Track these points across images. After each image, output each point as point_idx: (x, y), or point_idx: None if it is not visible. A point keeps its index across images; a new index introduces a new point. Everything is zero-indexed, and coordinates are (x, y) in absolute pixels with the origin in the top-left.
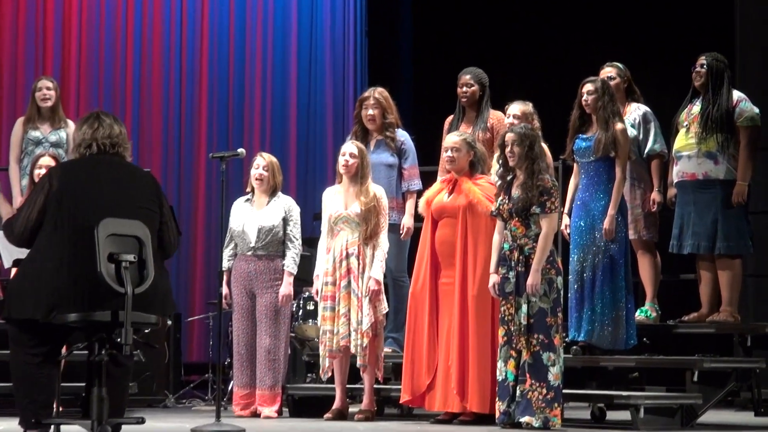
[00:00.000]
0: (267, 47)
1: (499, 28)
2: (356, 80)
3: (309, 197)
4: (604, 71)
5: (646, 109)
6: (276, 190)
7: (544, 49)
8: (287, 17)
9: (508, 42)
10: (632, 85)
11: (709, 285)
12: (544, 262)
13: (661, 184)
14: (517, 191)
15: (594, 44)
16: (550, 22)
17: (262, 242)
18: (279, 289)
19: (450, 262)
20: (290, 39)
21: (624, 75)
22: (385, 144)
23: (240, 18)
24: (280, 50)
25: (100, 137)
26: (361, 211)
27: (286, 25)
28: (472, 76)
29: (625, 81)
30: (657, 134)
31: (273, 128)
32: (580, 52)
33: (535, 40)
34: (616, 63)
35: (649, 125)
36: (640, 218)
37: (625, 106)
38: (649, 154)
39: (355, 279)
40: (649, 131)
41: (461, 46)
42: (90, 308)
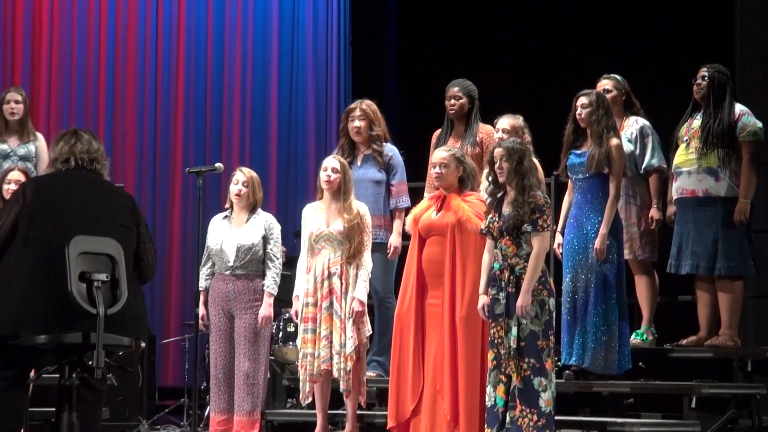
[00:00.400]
0: (246, 57)
1: (489, 39)
2: (339, 92)
3: (290, 214)
4: (600, 84)
5: (644, 123)
6: (256, 206)
7: (537, 60)
8: (267, 26)
9: (498, 52)
10: (631, 97)
11: (707, 307)
12: (535, 282)
13: (660, 200)
14: (508, 208)
15: (590, 55)
16: (542, 32)
17: (241, 261)
18: (258, 310)
19: (438, 282)
20: (270, 48)
21: (622, 87)
22: (372, 159)
23: (218, 27)
24: (260, 60)
25: (78, 152)
26: (344, 229)
27: (266, 34)
28: (461, 88)
29: (622, 94)
30: (655, 149)
31: (252, 142)
32: (575, 64)
33: (526, 51)
34: (613, 75)
35: (646, 139)
36: (636, 237)
37: (622, 119)
38: (647, 170)
39: (338, 300)
40: (646, 146)
41: (449, 56)
42: (60, 329)
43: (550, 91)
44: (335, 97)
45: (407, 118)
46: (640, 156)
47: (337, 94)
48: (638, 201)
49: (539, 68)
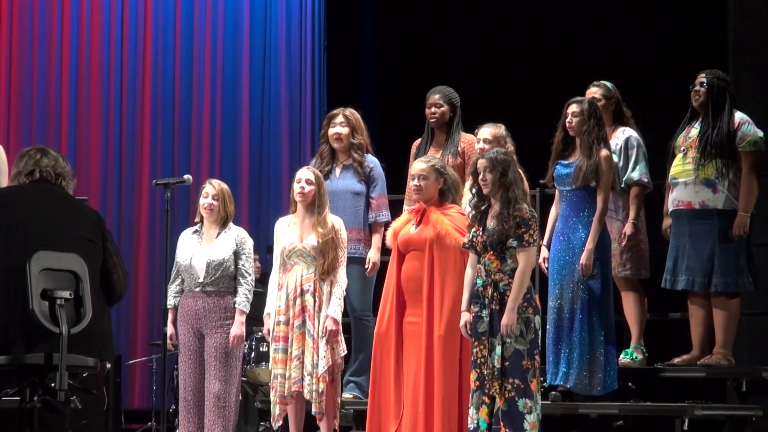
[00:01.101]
0: (216, 64)
1: (471, 44)
2: (314, 100)
3: (262, 228)
4: (590, 91)
5: (631, 134)
6: (227, 220)
7: (521, 66)
8: (238, 31)
9: (481, 58)
10: (621, 106)
11: (701, 325)
12: (520, 299)
13: (636, 216)
14: (492, 222)
15: (577, 61)
16: (527, 37)
17: (212, 277)
18: (229, 329)
19: (417, 299)
20: (241, 54)
21: (612, 96)
22: (352, 169)
23: (186, 32)
24: (231, 67)
25: (43, 165)
26: (317, 244)
27: (237, 40)
28: (442, 95)
29: (612, 102)
30: (639, 162)
31: (223, 152)
32: (561, 70)
33: (510, 57)
34: (603, 82)
35: (631, 152)
36: (617, 253)
37: (611, 130)
38: (627, 183)
39: (311, 318)
40: (630, 158)
41: (429, 62)
42: (21, 350)
43: (535, 98)
44: (309, 105)
45: (385, 127)
46: (623, 169)
47: (312, 102)
48: (620, 216)
49: (524, 75)
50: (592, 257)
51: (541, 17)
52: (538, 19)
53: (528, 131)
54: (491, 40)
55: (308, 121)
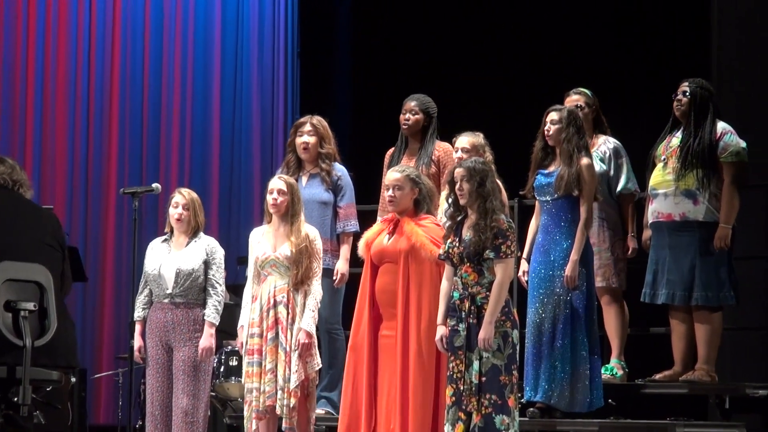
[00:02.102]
0: (186, 69)
1: (449, 51)
2: (287, 107)
3: (233, 238)
4: (570, 99)
5: (616, 143)
6: (198, 230)
7: (500, 73)
8: (209, 36)
9: (460, 65)
10: (600, 115)
11: (683, 339)
12: (498, 313)
13: (634, 227)
14: (469, 233)
15: (556, 68)
16: (507, 44)
17: (181, 288)
18: (198, 341)
19: (391, 312)
20: (212, 60)
21: (593, 104)
22: (319, 178)
23: (156, 36)
24: (201, 73)
25: (0, 172)
26: (291, 254)
27: (207, 45)
28: (418, 103)
29: (593, 111)
30: (630, 171)
31: (193, 161)
32: (542, 78)
33: (489, 64)
34: (583, 89)
35: (621, 160)
36: (610, 263)
37: (592, 138)
38: (623, 194)
39: (283, 330)
40: (621, 167)
41: (406, 69)
42: None
43: (514, 107)
44: (282, 112)
45: (360, 135)
46: (614, 178)
47: (284, 109)
48: (611, 225)
49: (503, 82)
50: (577, 269)
51: (521, 24)
52: (517, 26)
53: (507, 140)
54: (470, 47)
55: (280, 129)
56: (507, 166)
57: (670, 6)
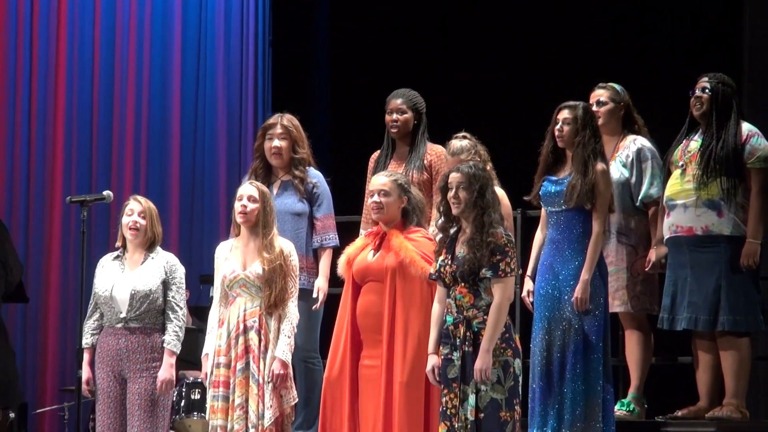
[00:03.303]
0: (142, 62)
1: (441, 39)
2: (257, 105)
3: (196, 255)
4: (594, 94)
5: (643, 144)
6: (155, 243)
7: (500, 67)
8: (168, 24)
9: (452, 57)
10: (632, 112)
11: (708, 371)
12: (497, 339)
13: (661, 237)
14: (463, 249)
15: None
16: (507, 33)
17: (136, 311)
18: (156, 372)
19: (375, 338)
20: (172, 51)
21: (621, 100)
22: (292, 186)
23: (107, 26)
24: (159, 66)
25: None
26: (263, 272)
27: (166, 34)
28: (405, 100)
29: (621, 107)
30: (655, 176)
31: (149, 166)
32: (546, 72)
33: (487, 55)
34: (611, 84)
35: (644, 164)
36: (629, 285)
37: (619, 139)
38: (645, 202)
39: (255, 360)
40: (644, 172)
41: (392, 62)
42: None
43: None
44: (251, 109)
45: (339, 136)
46: (636, 184)
47: (254, 107)
48: (632, 239)
49: (502, 76)
50: (588, 290)
51: (523, 12)
52: (518, 13)
53: (508, 139)
54: (464, 35)
55: (250, 129)
56: (507, 168)
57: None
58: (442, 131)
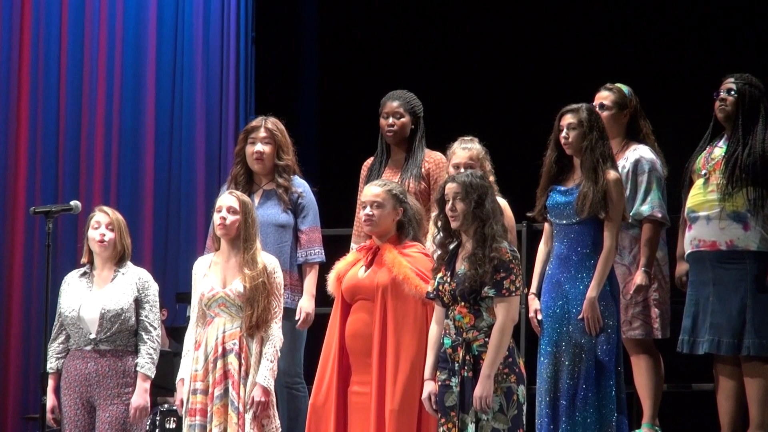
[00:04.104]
0: (113, 62)
1: (439, 37)
2: (238, 107)
3: (171, 271)
4: (599, 96)
5: (642, 155)
6: (124, 257)
7: (500, 68)
8: (142, 20)
9: (449, 57)
10: (638, 118)
11: (731, 398)
12: (499, 364)
13: (649, 261)
14: (464, 265)
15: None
16: (507, 31)
17: (107, 332)
18: (129, 398)
19: (365, 362)
20: (146, 49)
21: (627, 103)
22: (276, 196)
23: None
24: (131, 66)
25: None
26: (244, 290)
27: (140, 31)
28: (402, 102)
29: (627, 112)
30: (651, 191)
31: (120, 174)
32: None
33: (487, 55)
34: (619, 85)
35: (640, 177)
36: (630, 306)
37: (621, 147)
38: (635, 218)
39: (235, 386)
40: (639, 185)
41: (386, 61)
42: None
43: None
44: (232, 113)
45: (328, 141)
46: (629, 199)
47: (235, 110)
48: (626, 259)
49: (506, 78)
50: (597, 309)
51: (526, 7)
52: (521, 5)
53: (507, 149)
54: (462, 33)
55: (230, 133)
56: (511, 177)
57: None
58: (439, 137)
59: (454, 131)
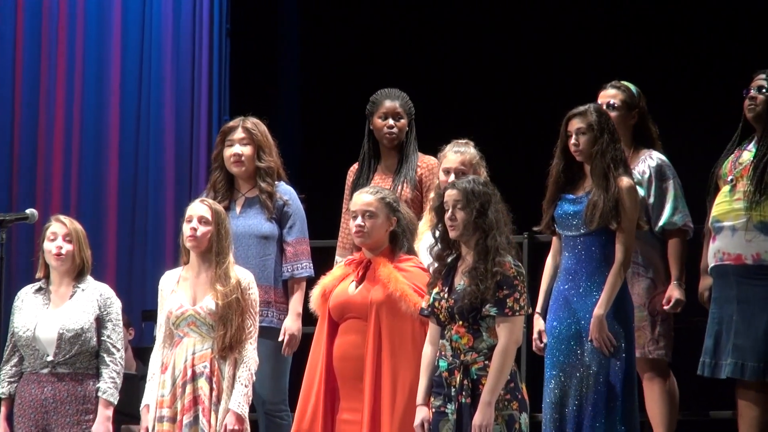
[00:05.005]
0: (73, 59)
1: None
2: (212, 108)
3: (136, 286)
4: (604, 94)
5: (661, 159)
6: (84, 272)
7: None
8: (105, 7)
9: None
10: (646, 120)
11: (755, 427)
12: (501, 390)
13: (682, 273)
14: (463, 280)
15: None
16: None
17: (65, 354)
18: (89, 426)
19: (355, 387)
20: (109, 41)
21: (636, 103)
22: (259, 203)
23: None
24: (93, 58)
25: None
26: (216, 307)
27: (103, 20)
28: (403, 103)
29: (634, 114)
30: (680, 198)
31: (81, 180)
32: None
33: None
34: (625, 83)
35: (666, 184)
36: (646, 325)
37: (629, 152)
38: (666, 229)
39: (205, 413)
40: (665, 194)
41: (374, 56)
42: None
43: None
44: (205, 114)
45: (312, 144)
46: (655, 207)
47: (209, 110)
48: (650, 272)
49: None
50: (605, 327)
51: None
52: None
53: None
54: (454, 29)
55: (203, 138)
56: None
57: None
58: (429, 140)
59: (446, 134)
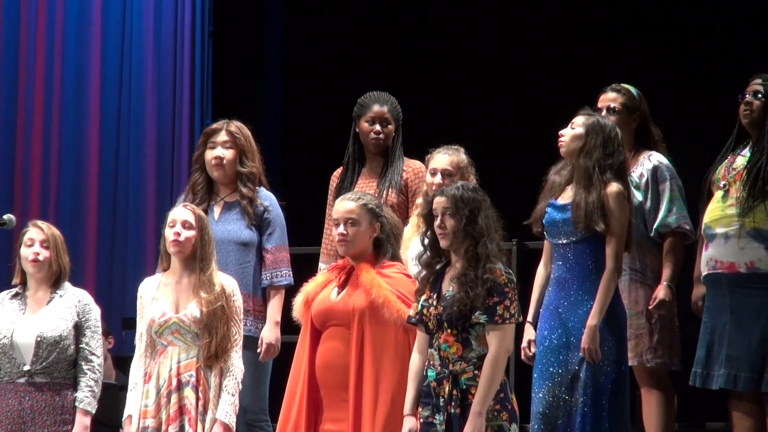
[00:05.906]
0: (52, 55)
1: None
2: (194, 111)
3: (117, 292)
4: (604, 98)
5: (660, 160)
6: (62, 278)
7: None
8: (85, 7)
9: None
10: (648, 124)
11: None
12: (491, 400)
13: (674, 275)
14: (452, 287)
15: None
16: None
17: (43, 362)
18: None
19: (339, 396)
20: (89, 41)
21: (637, 106)
22: (239, 209)
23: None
24: (72, 59)
25: None
26: (201, 315)
27: (82, 20)
28: (391, 108)
29: (635, 117)
30: (675, 200)
31: (60, 184)
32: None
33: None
34: (627, 86)
35: (662, 186)
36: (644, 333)
37: (630, 155)
38: (661, 232)
39: (192, 423)
40: (662, 195)
41: (359, 59)
42: None
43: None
44: (187, 117)
45: (295, 148)
46: (651, 210)
47: (190, 113)
48: (649, 278)
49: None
50: (598, 338)
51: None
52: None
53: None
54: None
55: (184, 141)
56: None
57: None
58: (417, 145)
59: (434, 138)
